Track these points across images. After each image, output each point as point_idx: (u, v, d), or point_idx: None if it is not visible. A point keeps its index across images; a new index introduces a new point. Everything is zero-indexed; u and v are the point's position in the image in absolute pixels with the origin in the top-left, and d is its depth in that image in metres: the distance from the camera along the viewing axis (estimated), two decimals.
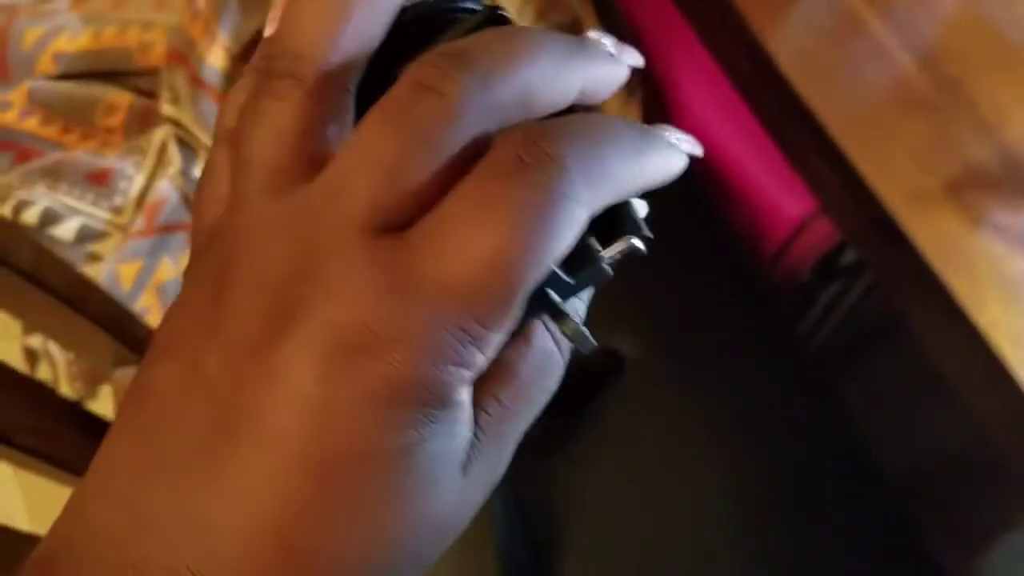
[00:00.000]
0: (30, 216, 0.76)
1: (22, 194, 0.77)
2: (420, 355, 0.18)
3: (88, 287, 0.60)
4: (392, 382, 0.18)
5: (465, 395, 0.19)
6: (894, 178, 0.48)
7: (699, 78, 0.85)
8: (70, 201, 0.76)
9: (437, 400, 0.18)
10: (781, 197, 0.85)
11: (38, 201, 0.76)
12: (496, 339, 0.19)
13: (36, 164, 0.78)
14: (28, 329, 0.74)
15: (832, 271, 0.90)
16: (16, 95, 0.81)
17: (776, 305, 0.81)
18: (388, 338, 0.18)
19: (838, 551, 0.70)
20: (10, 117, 0.81)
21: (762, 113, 0.55)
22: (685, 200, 0.81)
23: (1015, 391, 0.46)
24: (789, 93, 0.52)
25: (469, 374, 0.19)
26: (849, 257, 0.87)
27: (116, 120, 0.80)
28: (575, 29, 0.76)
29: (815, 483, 0.72)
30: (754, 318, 0.78)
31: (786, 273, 0.87)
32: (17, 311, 0.60)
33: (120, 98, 0.82)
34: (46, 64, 0.81)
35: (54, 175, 0.77)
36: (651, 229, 0.22)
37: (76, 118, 0.81)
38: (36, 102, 0.81)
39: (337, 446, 0.18)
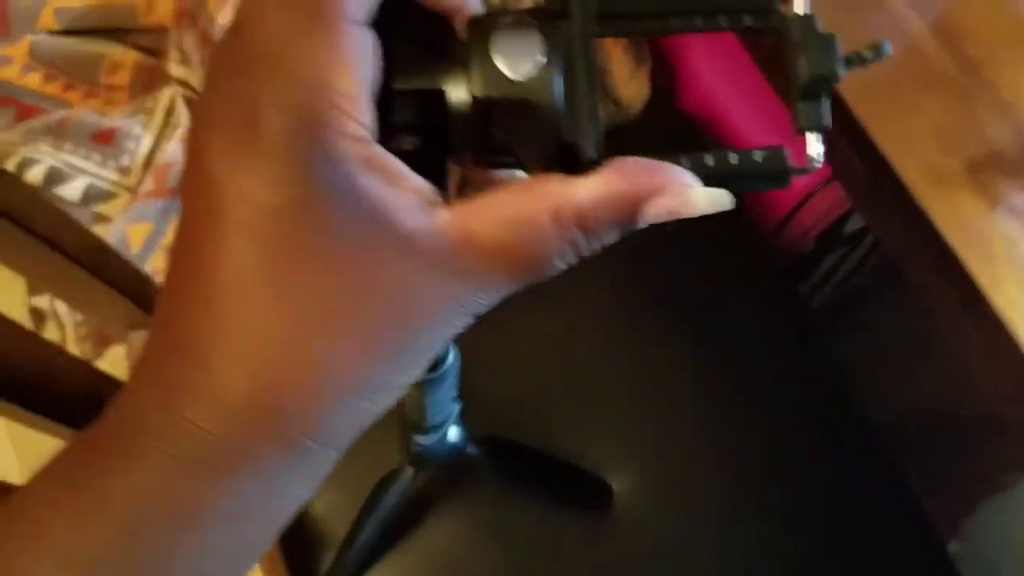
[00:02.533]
0: (34, 175, 0.75)
1: (26, 152, 0.75)
2: None
3: (103, 250, 0.60)
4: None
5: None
6: (914, 157, 0.49)
7: (708, 47, 0.85)
8: (76, 161, 0.75)
9: None
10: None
11: (43, 160, 0.75)
12: None
13: (39, 122, 0.77)
14: (35, 289, 0.74)
15: (835, 240, 0.91)
16: (17, 50, 0.79)
17: (777, 270, 0.82)
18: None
19: (832, 504, 0.72)
20: (11, 72, 0.79)
21: (779, 86, 0.55)
22: None
23: None
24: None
25: None
26: (851, 227, 0.88)
27: (121, 79, 0.79)
28: None
29: (809, 437, 0.74)
30: (756, 281, 0.79)
31: (790, 241, 0.88)
32: (25, 270, 0.60)
33: (124, 56, 0.80)
34: (47, 19, 0.79)
35: (58, 134, 0.76)
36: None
37: (79, 75, 0.80)
38: (38, 58, 0.79)
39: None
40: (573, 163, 0.23)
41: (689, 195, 0.22)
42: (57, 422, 0.50)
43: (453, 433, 0.58)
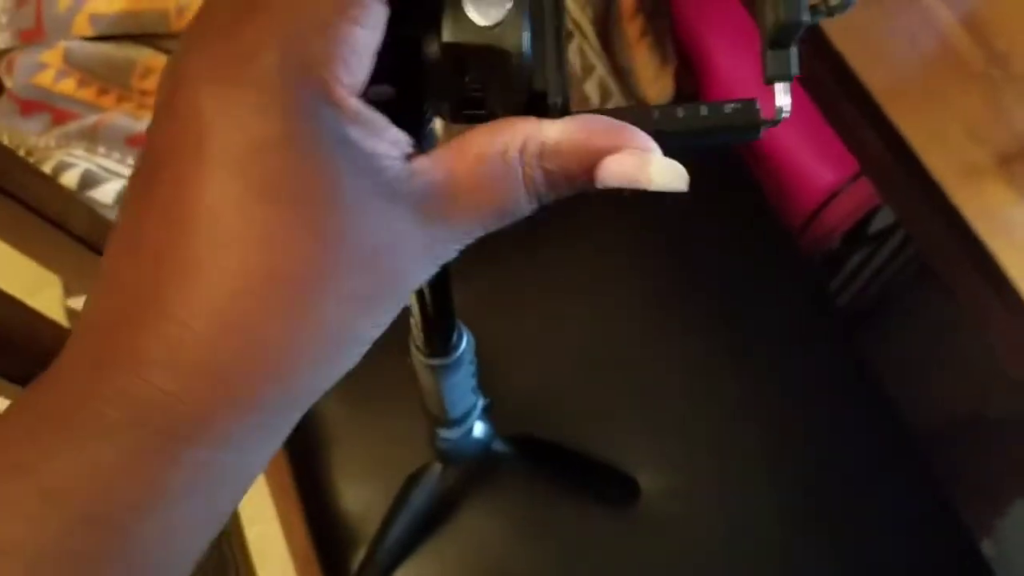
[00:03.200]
0: (69, 178, 0.76)
1: (61, 156, 0.77)
2: None
3: None
4: None
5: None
6: (943, 149, 0.49)
7: (733, 46, 0.85)
8: (109, 164, 0.77)
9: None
10: (814, 165, 0.85)
11: (78, 164, 0.76)
12: None
13: (74, 127, 0.78)
14: (70, 291, 0.75)
15: (861, 238, 0.91)
16: (52, 56, 0.81)
17: (805, 269, 0.82)
18: None
19: (861, 502, 0.72)
20: (47, 78, 0.81)
21: (810, 82, 0.55)
22: (720, 163, 0.82)
23: None
24: (839, 61, 0.52)
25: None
26: (878, 225, 0.88)
27: (153, 83, 0.80)
28: None
29: (838, 434, 0.74)
30: (784, 277, 0.79)
31: (816, 239, 0.88)
32: (62, 269, 0.61)
33: (156, 61, 0.82)
34: (82, 25, 0.81)
35: (92, 138, 0.78)
36: (687, 194, 0.24)
37: (113, 80, 0.81)
38: (72, 64, 0.81)
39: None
40: (541, 113, 0.24)
41: (647, 159, 0.22)
42: None
43: (479, 429, 0.58)
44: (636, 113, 0.25)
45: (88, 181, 0.77)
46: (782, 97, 0.24)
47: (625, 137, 0.22)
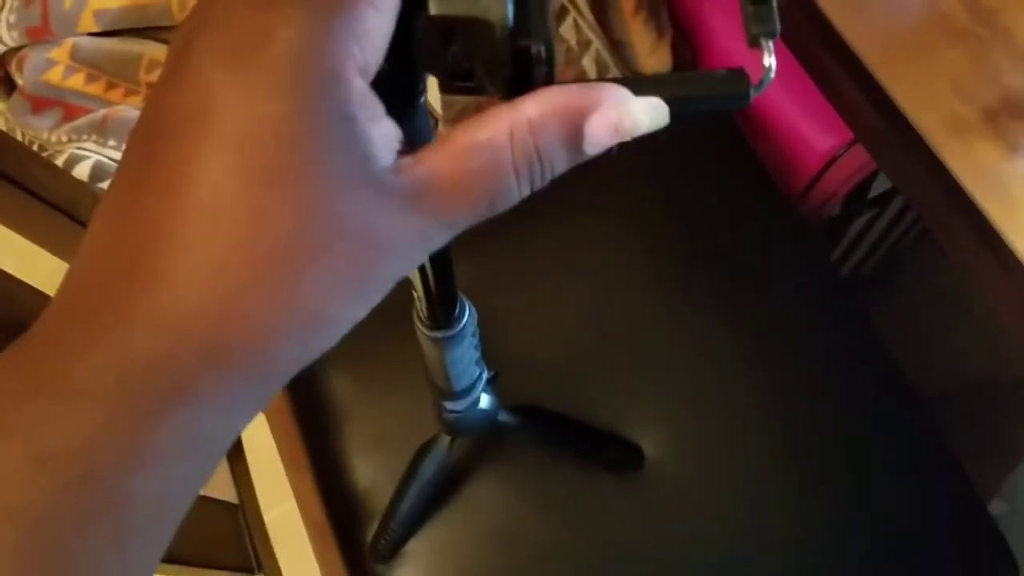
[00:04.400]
0: (81, 171, 0.78)
1: (73, 149, 0.79)
2: None
3: None
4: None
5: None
6: (931, 107, 0.49)
7: (729, 15, 0.86)
8: (119, 156, 0.78)
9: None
10: (811, 132, 0.85)
11: (89, 156, 0.78)
12: None
13: (84, 121, 0.80)
14: None
15: (861, 203, 0.91)
16: (60, 53, 0.83)
17: (807, 235, 0.82)
18: None
19: (868, 465, 0.73)
20: (56, 75, 0.83)
21: (796, 44, 0.56)
22: (718, 135, 0.83)
23: None
24: (823, 22, 0.53)
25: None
26: (878, 189, 0.88)
27: (158, 76, 0.81)
28: None
29: (844, 399, 0.75)
30: (786, 247, 0.79)
31: (816, 205, 0.88)
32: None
33: (162, 54, 0.83)
34: (87, 22, 0.83)
35: (101, 131, 0.80)
36: (686, 161, 0.25)
37: (120, 75, 0.83)
38: (80, 60, 0.83)
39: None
40: (527, 70, 0.24)
41: (628, 105, 0.23)
42: None
43: (485, 401, 0.59)
44: (627, 83, 0.25)
45: (99, 173, 0.79)
46: (768, 56, 0.25)
47: (601, 92, 0.23)
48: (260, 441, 0.78)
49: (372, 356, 0.74)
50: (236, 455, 0.64)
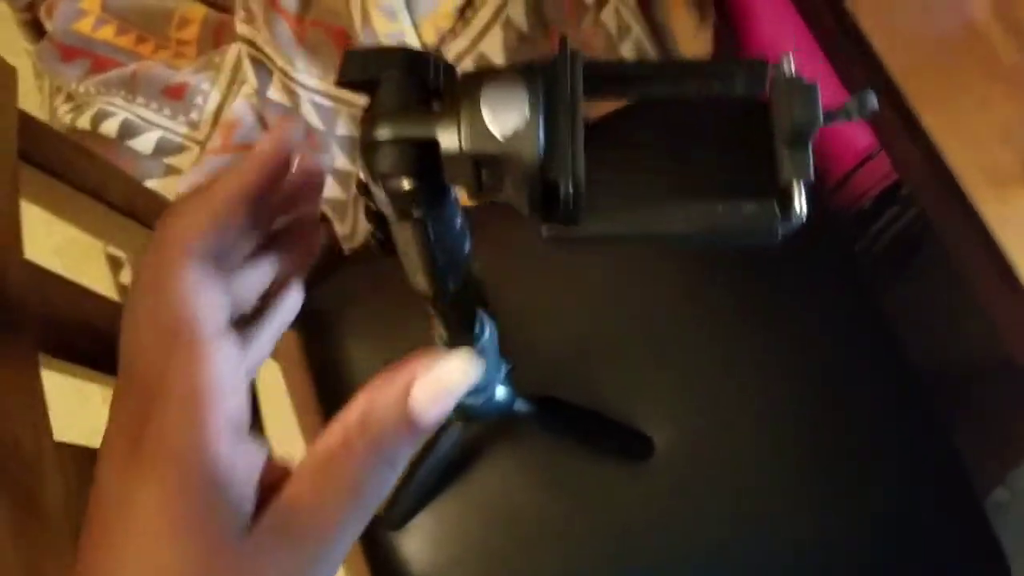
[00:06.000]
0: (109, 127, 0.78)
1: (101, 104, 0.79)
2: None
3: None
4: None
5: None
6: (970, 149, 0.48)
7: (772, 8, 0.83)
8: (148, 114, 0.78)
9: None
10: (849, 128, 0.84)
11: (117, 113, 0.78)
12: None
13: (114, 75, 0.80)
14: (117, 267, 0.79)
15: (891, 201, 0.90)
16: (91, 3, 0.82)
17: (831, 230, 0.82)
18: None
19: (870, 462, 0.74)
20: (85, 25, 0.82)
21: (845, 79, 0.55)
22: (744, 121, 0.81)
23: None
24: (879, 71, 0.51)
25: None
26: (907, 189, 0.87)
27: (190, 33, 0.81)
28: None
29: (853, 391, 0.75)
30: (807, 243, 0.79)
31: (849, 199, 0.88)
32: (101, 234, 0.65)
33: (194, 11, 0.82)
34: None
35: (131, 87, 0.79)
36: (722, 146, 0.25)
37: (150, 29, 0.82)
38: (111, 11, 0.82)
39: None
40: (555, 199, 0.25)
41: (439, 372, 0.25)
42: None
43: (501, 392, 0.61)
44: (653, 212, 0.25)
45: (127, 130, 0.79)
46: (799, 199, 0.25)
47: (415, 367, 0.26)
48: (276, 404, 0.80)
49: (395, 332, 0.76)
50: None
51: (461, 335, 0.49)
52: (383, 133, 0.26)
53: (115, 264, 0.80)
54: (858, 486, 0.73)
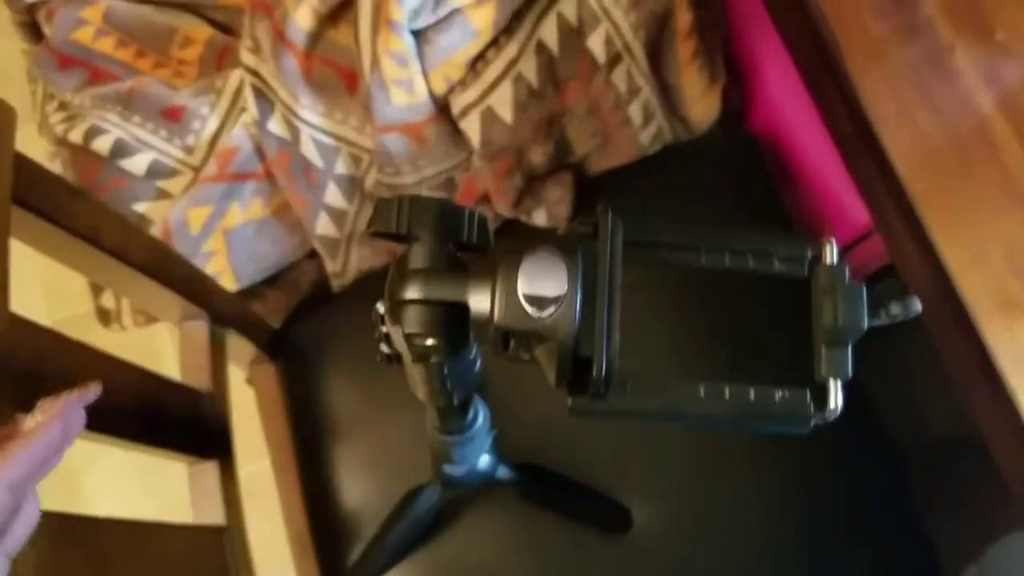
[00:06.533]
0: (101, 145, 0.76)
1: (94, 119, 0.77)
2: None
3: (167, 256, 0.62)
4: None
5: None
6: (982, 274, 0.48)
7: (782, 69, 0.83)
8: (143, 134, 0.76)
9: None
10: (851, 202, 0.84)
11: (111, 130, 0.76)
12: None
13: (110, 89, 0.78)
14: (99, 291, 0.77)
15: (888, 275, 0.90)
16: (92, 14, 0.80)
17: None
18: None
19: (851, 535, 0.74)
20: (85, 35, 0.80)
21: (873, 207, 0.54)
22: (742, 183, 0.81)
23: None
24: (897, 188, 0.51)
25: None
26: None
27: (192, 53, 0.79)
28: (667, 17, 0.73)
29: (836, 470, 0.75)
30: (789, 311, 0.78)
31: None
32: (94, 277, 0.63)
33: (198, 32, 0.80)
34: None
35: (127, 104, 0.77)
36: (713, 207, 0.25)
37: (151, 45, 0.80)
38: (112, 23, 0.80)
39: None
40: (586, 373, 0.24)
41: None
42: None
43: (484, 461, 0.59)
44: (682, 393, 0.24)
45: (120, 150, 0.77)
46: (835, 396, 0.24)
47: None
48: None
49: (379, 377, 0.74)
50: (227, 476, 0.65)
51: (454, 424, 0.48)
52: (413, 293, 0.25)
53: (96, 288, 0.78)
54: (831, 569, 0.73)
